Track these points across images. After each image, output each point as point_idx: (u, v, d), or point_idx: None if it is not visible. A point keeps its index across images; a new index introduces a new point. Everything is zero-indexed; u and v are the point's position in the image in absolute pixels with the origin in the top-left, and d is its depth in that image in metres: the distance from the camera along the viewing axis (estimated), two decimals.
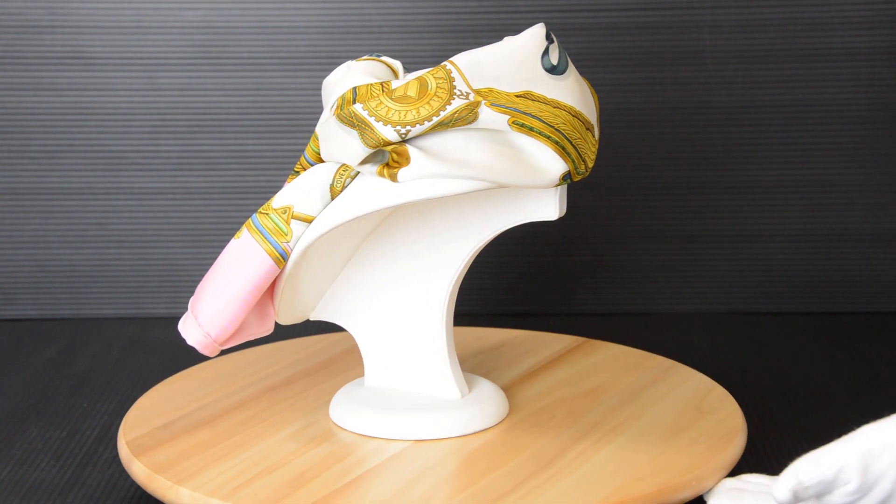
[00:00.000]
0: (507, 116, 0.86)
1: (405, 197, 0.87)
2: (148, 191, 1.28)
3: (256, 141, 1.28)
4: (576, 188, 0.94)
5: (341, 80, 0.91)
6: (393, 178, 0.86)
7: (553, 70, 0.88)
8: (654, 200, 1.28)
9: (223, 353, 1.14)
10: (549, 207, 0.91)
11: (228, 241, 1.28)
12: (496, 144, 0.87)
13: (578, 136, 0.87)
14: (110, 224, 1.29)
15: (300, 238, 0.89)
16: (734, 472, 0.92)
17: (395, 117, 0.85)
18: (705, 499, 0.88)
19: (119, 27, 1.26)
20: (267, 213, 0.89)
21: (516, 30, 1.23)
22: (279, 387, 1.02)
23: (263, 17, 1.26)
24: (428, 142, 0.87)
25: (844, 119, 1.27)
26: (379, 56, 0.92)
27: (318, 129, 0.91)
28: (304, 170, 0.92)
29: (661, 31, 1.26)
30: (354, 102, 0.87)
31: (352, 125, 0.86)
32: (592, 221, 1.29)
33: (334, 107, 0.88)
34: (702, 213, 1.29)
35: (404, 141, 0.86)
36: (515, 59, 0.87)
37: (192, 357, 1.18)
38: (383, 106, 0.86)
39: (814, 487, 0.78)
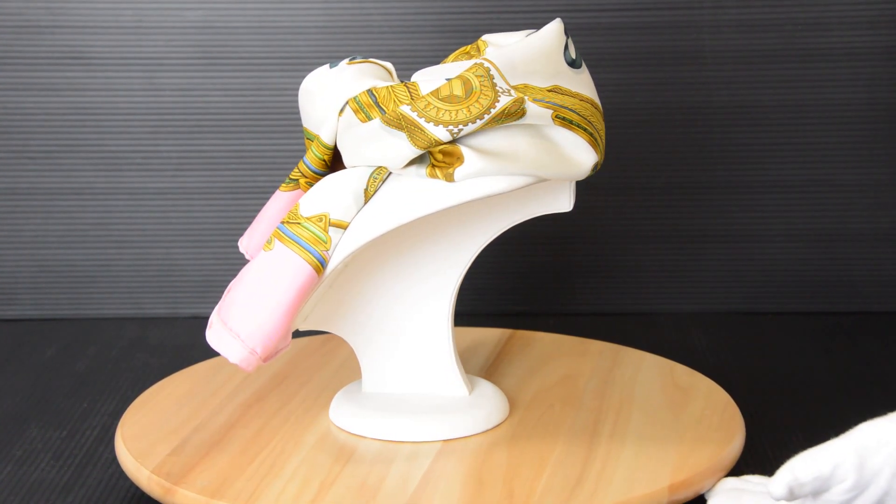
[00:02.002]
0: (551, 111, 0.87)
1: (460, 197, 0.86)
2: (148, 191, 1.28)
3: (256, 141, 1.28)
4: (577, 188, 0.94)
5: (332, 83, 0.90)
6: (449, 178, 0.86)
7: (573, 64, 0.90)
8: (654, 200, 1.28)
9: (188, 363, 1.14)
10: (563, 199, 0.92)
11: (227, 240, 1.28)
12: (537, 139, 0.87)
13: (601, 127, 0.90)
14: (110, 224, 1.29)
15: (337, 245, 0.87)
16: (736, 469, 0.93)
17: (447, 117, 0.85)
18: (706, 497, 0.88)
19: (119, 27, 1.26)
20: (299, 223, 0.87)
21: (517, 30, 1.23)
22: (258, 398, 1.00)
23: (263, 17, 1.26)
24: (476, 140, 0.86)
25: (844, 119, 1.27)
26: (365, 58, 0.92)
27: (325, 135, 0.89)
28: (306, 178, 0.91)
29: (661, 31, 1.26)
30: (378, 105, 0.87)
31: (400, 127, 0.86)
32: (592, 221, 1.29)
33: (345, 110, 0.88)
34: (702, 213, 1.29)
35: (454, 140, 0.86)
36: (544, 55, 0.88)
37: (189, 358, 1.18)
38: (432, 107, 0.85)
39: (810, 484, 0.78)
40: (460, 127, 0.85)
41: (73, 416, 1.07)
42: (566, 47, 0.89)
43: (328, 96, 0.90)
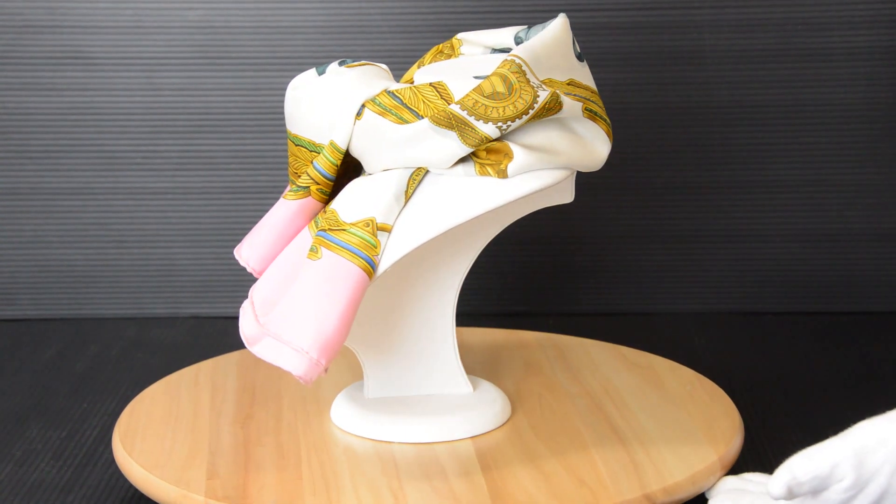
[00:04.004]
0: (581, 104, 0.88)
1: (513, 193, 0.86)
2: (148, 191, 1.28)
3: (256, 141, 1.28)
4: (577, 188, 0.94)
5: (334, 87, 0.89)
6: (502, 174, 0.86)
7: (579, 58, 0.91)
8: (654, 200, 1.28)
9: (188, 363, 1.13)
10: (565, 192, 0.92)
11: (227, 240, 1.28)
12: (565, 131, 0.88)
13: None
14: (110, 224, 1.29)
15: (385, 248, 0.86)
16: (735, 469, 0.93)
17: (495, 114, 0.85)
18: (707, 496, 0.88)
19: (119, 27, 1.26)
20: (344, 229, 0.86)
21: None
22: (246, 416, 0.98)
23: (263, 18, 1.26)
24: (518, 136, 0.87)
25: (844, 119, 1.27)
26: (357, 60, 0.92)
27: (339, 140, 0.88)
28: (318, 185, 0.90)
29: (661, 31, 1.26)
30: (406, 106, 0.86)
31: (450, 126, 0.85)
32: (592, 221, 1.29)
33: (364, 113, 0.87)
34: (702, 213, 1.29)
35: (500, 137, 0.86)
36: (561, 50, 0.89)
37: (189, 359, 1.18)
38: (480, 104, 0.85)
39: (809, 483, 0.78)
40: (508, 123, 0.85)
41: (73, 416, 1.07)
42: (573, 42, 0.90)
43: (333, 100, 0.89)
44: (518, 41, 0.94)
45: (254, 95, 1.27)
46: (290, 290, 0.87)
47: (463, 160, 0.87)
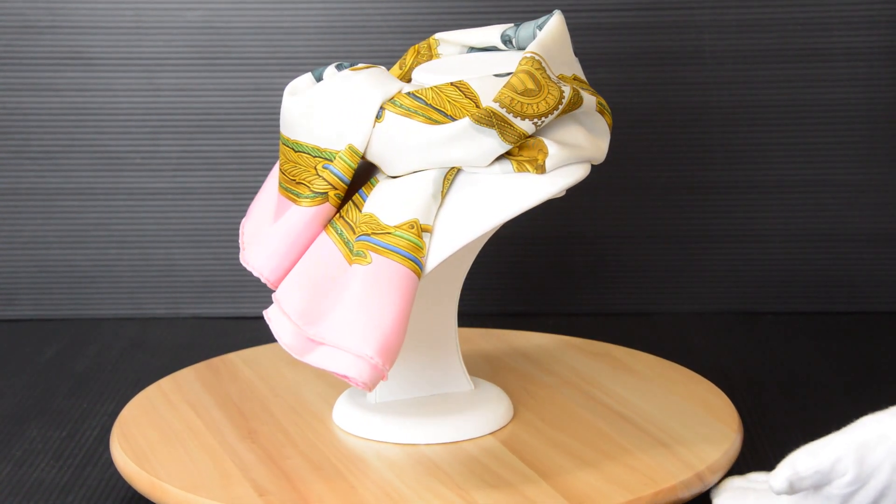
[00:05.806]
0: (595, 98, 0.89)
1: (550, 189, 0.87)
2: (148, 191, 1.29)
3: (256, 141, 1.28)
4: (576, 188, 0.94)
5: (341, 91, 0.88)
6: (541, 169, 0.86)
7: (574, 53, 0.91)
8: (654, 200, 1.28)
9: (188, 363, 1.13)
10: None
11: (227, 240, 1.28)
12: (580, 126, 0.89)
13: None
14: (110, 224, 1.29)
15: (430, 249, 0.86)
16: (735, 469, 0.93)
17: (531, 110, 0.85)
18: (711, 496, 0.88)
19: (119, 27, 1.26)
20: (389, 233, 0.86)
21: None
22: (249, 430, 0.96)
23: (263, 18, 1.26)
24: (547, 132, 0.87)
25: (844, 119, 1.27)
26: (356, 63, 0.91)
27: (358, 143, 0.87)
28: (336, 190, 0.89)
29: (661, 31, 1.26)
30: (431, 107, 0.86)
31: (490, 125, 0.86)
32: (592, 221, 1.29)
33: (385, 116, 0.87)
34: (702, 213, 1.29)
35: (534, 133, 0.87)
36: (566, 46, 0.90)
37: (189, 359, 1.18)
38: (517, 101, 0.85)
39: (810, 478, 0.78)
40: (542, 119, 0.86)
41: (73, 416, 1.07)
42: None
43: (343, 104, 0.88)
44: (506, 39, 0.94)
45: (254, 96, 1.27)
46: (341, 298, 0.86)
47: (498, 158, 0.87)
